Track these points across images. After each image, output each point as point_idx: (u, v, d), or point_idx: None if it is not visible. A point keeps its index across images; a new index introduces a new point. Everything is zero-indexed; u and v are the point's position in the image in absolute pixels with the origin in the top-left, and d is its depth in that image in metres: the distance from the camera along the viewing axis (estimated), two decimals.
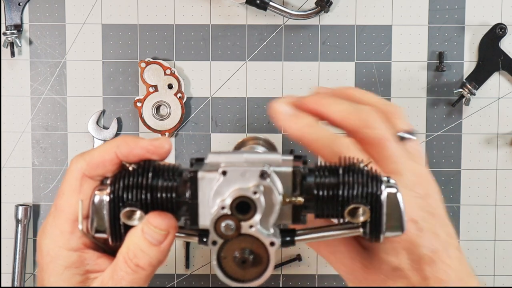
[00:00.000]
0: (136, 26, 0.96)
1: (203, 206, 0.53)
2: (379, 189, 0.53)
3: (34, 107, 0.97)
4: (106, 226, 0.55)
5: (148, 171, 0.55)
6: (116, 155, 0.56)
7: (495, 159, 0.96)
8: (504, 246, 0.98)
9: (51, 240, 0.58)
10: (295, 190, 0.54)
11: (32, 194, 0.98)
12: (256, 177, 0.52)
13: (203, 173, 0.53)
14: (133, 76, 0.97)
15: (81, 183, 0.57)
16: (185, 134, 0.97)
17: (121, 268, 0.56)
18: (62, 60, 0.97)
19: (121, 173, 0.55)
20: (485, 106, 0.96)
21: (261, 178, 0.52)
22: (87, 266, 0.58)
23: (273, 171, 0.53)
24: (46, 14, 0.96)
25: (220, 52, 0.96)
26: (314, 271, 0.97)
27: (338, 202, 0.54)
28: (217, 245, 0.52)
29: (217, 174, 0.53)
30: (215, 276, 0.98)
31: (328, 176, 0.54)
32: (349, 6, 0.95)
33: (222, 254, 0.52)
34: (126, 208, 0.54)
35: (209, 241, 0.52)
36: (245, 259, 0.51)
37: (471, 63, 0.95)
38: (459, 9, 0.95)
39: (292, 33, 0.96)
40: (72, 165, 0.58)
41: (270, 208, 0.52)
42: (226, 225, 0.51)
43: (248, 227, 0.51)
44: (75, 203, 0.57)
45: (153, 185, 0.54)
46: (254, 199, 0.51)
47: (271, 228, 0.52)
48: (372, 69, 0.96)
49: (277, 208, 0.52)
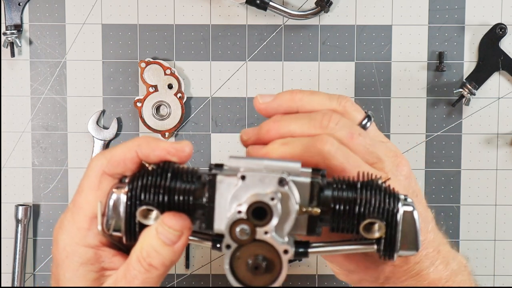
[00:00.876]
0: (136, 26, 0.96)
1: (220, 210, 0.53)
2: (396, 207, 0.54)
3: (34, 107, 0.97)
4: (121, 224, 0.55)
5: (167, 172, 0.55)
6: (137, 154, 0.57)
7: (495, 159, 0.96)
8: (504, 246, 0.98)
9: (68, 236, 0.58)
10: (312, 201, 0.54)
11: (32, 194, 0.98)
12: (275, 183, 0.52)
13: (222, 176, 0.53)
14: (133, 76, 0.97)
15: (100, 180, 0.58)
16: (185, 134, 0.97)
17: (134, 267, 0.56)
18: (62, 60, 0.97)
19: (140, 173, 0.55)
20: (485, 106, 0.96)
21: (280, 185, 0.52)
22: (103, 264, 0.58)
23: (291, 180, 0.53)
24: (46, 14, 0.96)
25: (220, 52, 0.96)
26: (314, 271, 0.97)
27: (354, 217, 0.54)
28: (230, 249, 0.52)
29: (235, 178, 0.53)
30: (215, 276, 0.98)
31: (345, 190, 0.55)
32: (349, 6, 0.95)
33: (235, 258, 0.52)
34: (143, 206, 0.54)
35: (223, 245, 0.52)
36: (258, 265, 0.51)
37: (471, 63, 0.95)
38: (459, 9, 0.95)
39: (292, 33, 0.96)
40: (93, 162, 0.58)
41: (286, 215, 0.52)
42: (241, 229, 0.51)
43: (263, 233, 0.51)
44: (94, 200, 0.57)
45: (171, 187, 0.54)
46: (271, 205, 0.51)
47: (286, 236, 0.52)
48: (372, 69, 0.96)
49: (293, 217, 0.52)
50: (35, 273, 0.98)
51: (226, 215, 0.52)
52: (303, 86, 0.96)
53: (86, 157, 0.97)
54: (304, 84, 0.96)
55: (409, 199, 0.56)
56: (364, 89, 0.96)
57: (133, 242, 0.56)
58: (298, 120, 0.62)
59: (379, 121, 0.96)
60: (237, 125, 0.97)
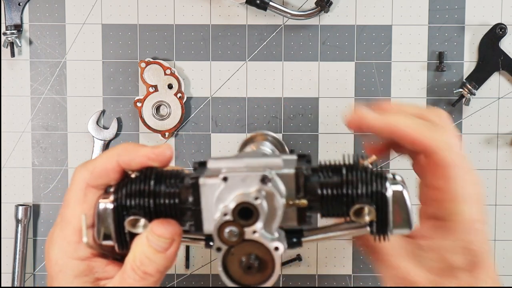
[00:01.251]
0: (136, 26, 0.96)
1: (207, 212, 0.53)
2: (384, 187, 0.53)
3: (34, 107, 0.97)
4: (112, 234, 0.55)
5: (150, 178, 0.55)
6: (118, 163, 0.57)
7: (495, 159, 0.96)
8: (504, 246, 0.98)
9: (59, 250, 0.58)
10: (298, 191, 0.54)
11: (32, 194, 0.98)
12: (257, 182, 0.52)
13: (204, 179, 0.53)
14: (133, 76, 0.97)
15: (85, 193, 0.58)
16: (185, 134, 0.97)
17: (129, 275, 0.56)
18: (62, 60, 0.97)
19: (124, 181, 0.55)
20: (485, 106, 0.96)
21: (262, 183, 0.52)
22: (96, 274, 0.58)
23: (275, 174, 0.53)
24: (46, 14, 0.96)
25: (220, 52, 0.96)
26: (314, 271, 0.97)
27: (343, 202, 0.53)
28: (221, 251, 0.51)
29: (218, 180, 0.52)
30: (215, 276, 0.98)
31: (331, 176, 0.54)
32: (349, 6, 0.95)
33: (227, 260, 0.52)
34: (130, 216, 0.54)
35: (214, 247, 0.51)
36: (251, 265, 0.51)
37: (471, 63, 0.95)
38: (459, 9, 0.95)
39: (292, 33, 0.96)
40: (76, 175, 0.58)
41: (273, 212, 0.52)
42: (229, 231, 0.51)
43: (251, 232, 0.51)
44: (81, 214, 0.57)
45: (156, 192, 0.54)
46: (256, 204, 0.50)
47: (275, 232, 0.52)
48: (372, 69, 0.96)
49: (280, 213, 0.52)
50: (35, 273, 0.98)
51: (213, 217, 0.52)
52: (303, 86, 0.96)
53: (86, 157, 0.97)
54: (304, 84, 0.96)
55: (397, 176, 0.55)
56: (364, 89, 0.96)
57: (125, 251, 0.56)
58: (416, 120, 0.61)
59: None
60: (237, 125, 0.97)
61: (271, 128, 0.96)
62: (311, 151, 0.96)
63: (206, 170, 0.55)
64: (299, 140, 0.96)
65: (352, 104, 0.88)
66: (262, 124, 0.96)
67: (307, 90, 0.96)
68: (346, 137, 0.96)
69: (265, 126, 0.96)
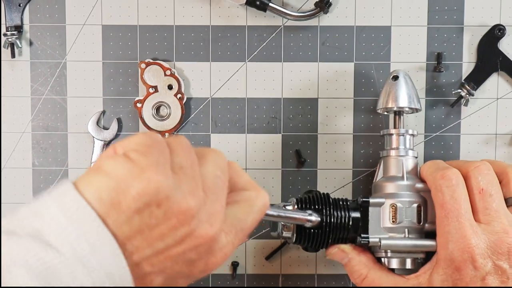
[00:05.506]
0: (136, 27, 0.96)
1: None
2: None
3: (34, 108, 0.97)
4: None
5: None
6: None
7: (494, 159, 0.97)
8: None
9: None
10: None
11: (32, 195, 0.98)
12: None
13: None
14: (133, 77, 0.97)
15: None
16: (185, 135, 0.97)
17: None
18: (62, 61, 0.97)
19: None
20: (484, 106, 0.96)
21: None
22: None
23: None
24: (47, 15, 0.96)
25: (220, 53, 0.97)
26: (314, 271, 0.97)
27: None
28: None
29: None
30: (215, 276, 0.98)
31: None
32: (348, 7, 0.96)
33: None
34: None
35: None
36: None
37: (469, 64, 0.96)
38: (458, 10, 0.96)
39: (291, 34, 0.96)
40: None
41: None
42: None
43: None
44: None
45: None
46: None
47: None
48: (371, 70, 0.96)
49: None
50: None
51: None
52: (302, 86, 0.96)
53: (86, 158, 0.97)
54: (304, 85, 0.96)
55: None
56: (363, 89, 0.96)
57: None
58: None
59: (378, 121, 0.96)
60: (236, 125, 0.97)
61: (270, 129, 0.96)
62: (311, 152, 0.96)
63: None
64: (299, 140, 0.97)
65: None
66: (262, 124, 0.97)
67: (307, 91, 0.96)
68: (346, 138, 0.96)
69: (264, 127, 0.97)
